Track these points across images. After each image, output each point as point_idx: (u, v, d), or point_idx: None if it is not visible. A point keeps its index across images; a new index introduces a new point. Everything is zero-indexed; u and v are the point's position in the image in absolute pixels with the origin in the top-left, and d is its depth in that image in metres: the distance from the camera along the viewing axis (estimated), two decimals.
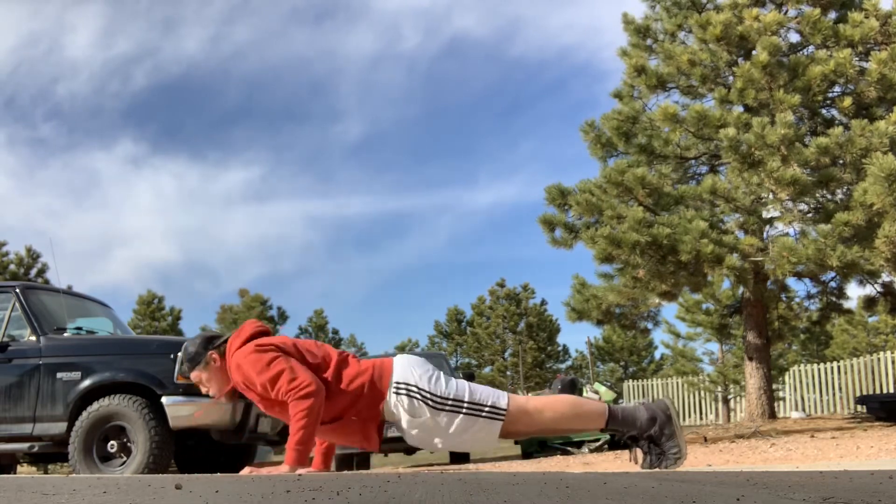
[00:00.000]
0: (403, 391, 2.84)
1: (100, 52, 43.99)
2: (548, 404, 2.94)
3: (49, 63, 41.88)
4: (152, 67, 43.42)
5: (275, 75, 45.96)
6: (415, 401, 2.83)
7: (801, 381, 17.26)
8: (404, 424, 2.85)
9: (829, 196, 8.73)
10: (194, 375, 3.12)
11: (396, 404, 2.84)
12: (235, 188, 45.10)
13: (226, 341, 3.12)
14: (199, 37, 45.96)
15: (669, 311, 21.84)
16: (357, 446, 3.00)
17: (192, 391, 4.93)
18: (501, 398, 2.86)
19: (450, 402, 2.83)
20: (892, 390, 14.17)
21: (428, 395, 2.83)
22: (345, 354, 3.02)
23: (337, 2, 48.42)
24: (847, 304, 10.54)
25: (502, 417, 2.82)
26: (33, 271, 19.10)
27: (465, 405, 2.83)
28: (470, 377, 11.00)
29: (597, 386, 10.90)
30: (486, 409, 2.83)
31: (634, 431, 2.91)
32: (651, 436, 2.89)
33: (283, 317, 27.28)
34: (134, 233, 41.66)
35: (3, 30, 42.23)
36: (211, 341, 3.12)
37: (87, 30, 45.58)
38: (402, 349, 28.58)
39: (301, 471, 2.89)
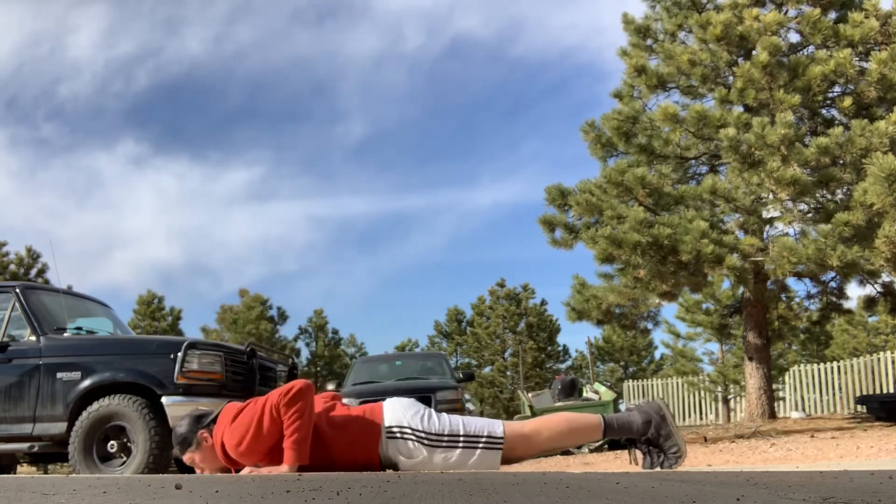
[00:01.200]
0: (397, 434, 2.83)
1: (102, 52, 44.00)
2: (543, 424, 2.94)
3: (51, 63, 41.89)
4: (154, 67, 43.44)
5: (277, 75, 45.98)
6: (410, 442, 2.81)
7: (801, 381, 17.25)
8: (402, 468, 2.82)
9: (829, 196, 8.73)
10: (187, 458, 3.05)
11: (393, 449, 2.82)
12: (237, 188, 45.11)
13: (215, 419, 3.03)
14: (202, 37, 45.96)
15: (669, 311, 21.84)
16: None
17: (192, 391, 4.94)
18: (497, 427, 2.86)
19: (445, 438, 2.82)
20: (892, 390, 14.17)
21: (423, 435, 2.82)
22: (331, 403, 2.97)
23: (339, 2, 48.42)
24: (847, 304, 10.55)
25: (500, 446, 2.82)
26: (33, 271, 19.10)
27: (462, 439, 2.82)
28: (470, 377, 10.98)
29: (597, 386, 10.89)
30: (483, 439, 2.82)
31: (633, 436, 2.94)
32: (649, 439, 2.93)
33: (282, 317, 27.26)
34: (135, 233, 41.67)
35: (5, 30, 42.25)
36: (199, 421, 3.05)
37: (90, 30, 45.58)
38: (401, 349, 28.57)
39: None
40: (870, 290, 9.98)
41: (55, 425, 4.99)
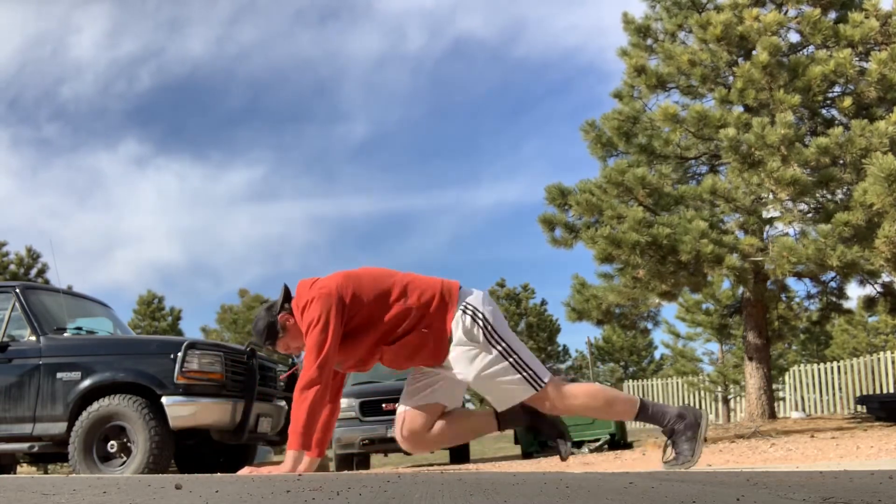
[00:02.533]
0: (470, 312, 2.92)
1: (105, 52, 44.05)
2: (583, 391, 3.04)
3: (54, 64, 41.95)
4: (157, 68, 43.48)
5: (280, 76, 46.02)
6: (477, 326, 2.90)
7: (801, 381, 17.26)
8: (454, 341, 2.91)
9: (829, 196, 8.73)
10: (281, 346, 3.11)
11: (458, 321, 2.91)
12: (239, 188, 45.15)
13: (286, 300, 3.08)
14: (205, 37, 46.01)
15: (669, 311, 21.85)
16: (425, 363, 3.01)
17: (192, 391, 4.94)
18: (545, 372, 2.95)
19: (502, 345, 2.90)
20: (892, 390, 14.17)
21: (490, 328, 2.91)
22: (409, 276, 3.04)
23: (341, 3, 48.48)
24: (847, 304, 10.55)
25: (539, 387, 2.90)
26: (33, 271, 19.09)
27: (514, 356, 2.90)
28: None
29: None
30: (529, 371, 2.90)
31: (661, 424, 3.04)
32: (673, 429, 3.04)
33: None
34: (137, 233, 41.71)
35: (8, 31, 42.28)
36: (272, 310, 3.09)
37: (93, 31, 45.63)
38: None
39: (301, 467, 2.93)
40: (870, 290, 9.99)
41: (55, 425, 4.99)
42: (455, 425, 3.10)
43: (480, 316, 2.91)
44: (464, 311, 2.92)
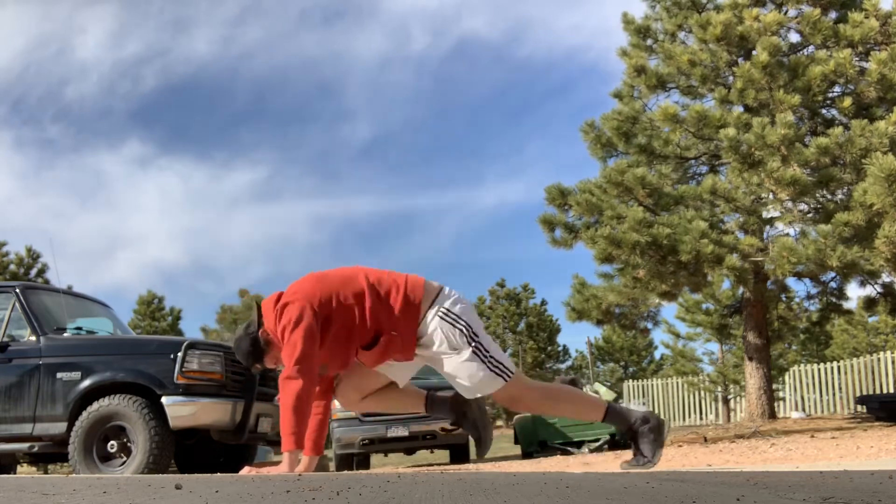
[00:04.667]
0: (451, 319, 2.98)
1: (109, 53, 44.09)
2: (554, 389, 3.28)
3: (59, 65, 41.97)
4: (162, 68, 43.53)
5: (284, 76, 46.08)
6: (458, 332, 2.97)
7: (801, 381, 17.25)
8: (434, 349, 2.98)
9: (829, 196, 8.72)
10: (269, 362, 3.17)
11: (437, 327, 2.96)
12: (241, 188, 45.20)
13: (259, 317, 3.12)
14: (210, 38, 46.05)
15: (669, 311, 21.82)
16: (396, 360, 3.07)
17: (192, 391, 4.94)
18: (511, 364, 3.08)
19: (477, 343, 3.00)
20: (892, 390, 14.17)
21: (471, 331, 2.99)
22: (374, 275, 3.07)
23: (346, 3, 48.50)
24: (847, 305, 10.54)
25: (507, 377, 3.01)
26: (33, 271, 19.07)
27: (486, 354, 3.01)
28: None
29: (597, 386, 10.90)
30: (501, 366, 3.01)
31: (627, 424, 3.17)
32: (635, 431, 3.16)
33: None
34: (139, 233, 41.75)
35: (13, 32, 42.29)
36: (248, 328, 3.14)
37: (98, 31, 45.66)
38: None
39: (301, 467, 2.94)
40: (870, 290, 9.98)
41: (55, 425, 4.99)
42: (388, 400, 3.26)
43: (463, 323, 2.98)
44: (443, 318, 2.97)
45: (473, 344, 2.97)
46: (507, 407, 3.32)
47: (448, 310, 2.98)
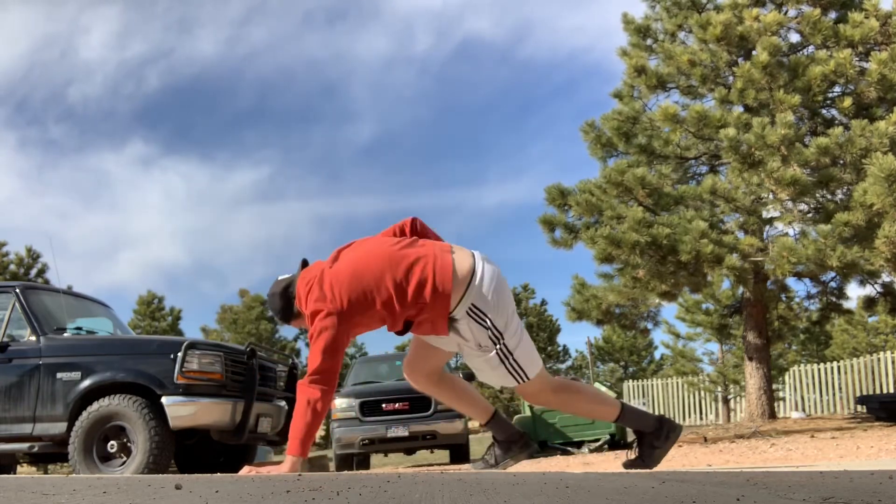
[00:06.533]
0: (476, 317, 2.89)
1: (114, 53, 44.11)
2: (572, 386, 3.27)
3: (63, 65, 41.99)
4: (166, 69, 43.58)
5: (288, 77, 46.14)
6: (482, 330, 2.89)
7: (801, 381, 17.26)
8: (461, 340, 2.94)
9: (829, 196, 8.72)
10: (296, 324, 3.16)
11: (465, 322, 2.88)
12: (244, 189, 45.25)
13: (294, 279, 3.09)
14: (214, 38, 46.10)
15: (669, 311, 21.84)
16: (425, 333, 3.06)
17: (192, 391, 4.94)
18: (532, 370, 3.02)
19: (502, 345, 2.94)
20: (892, 390, 14.17)
21: (497, 333, 2.91)
22: (404, 266, 2.90)
23: (350, 4, 48.55)
24: (847, 304, 10.55)
25: (521, 380, 3.00)
26: (33, 271, 19.08)
27: (510, 357, 2.97)
28: (470, 377, 10.98)
29: (597, 386, 10.89)
30: (520, 370, 2.99)
31: (641, 427, 3.17)
32: (644, 434, 3.15)
33: None
34: (142, 233, 41.80)
35: (17, 33, 42.31)
36: (289, 287, 3.08)
37: (102, 32, 45.71)
38: (402, 349, 28.54)
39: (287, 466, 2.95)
40: (870, 290, 9.99)
41: (55, 425, 4.99)
42: (457, 400, 3.31)
43: (489, 323, 2.87)
44: (471, 316, 2.86)
45: (498, 346, 2.91)
46: (527, 401, 3.32)
47: (476, 308, 2.86)
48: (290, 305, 3.05)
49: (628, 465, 3.20)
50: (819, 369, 16.89)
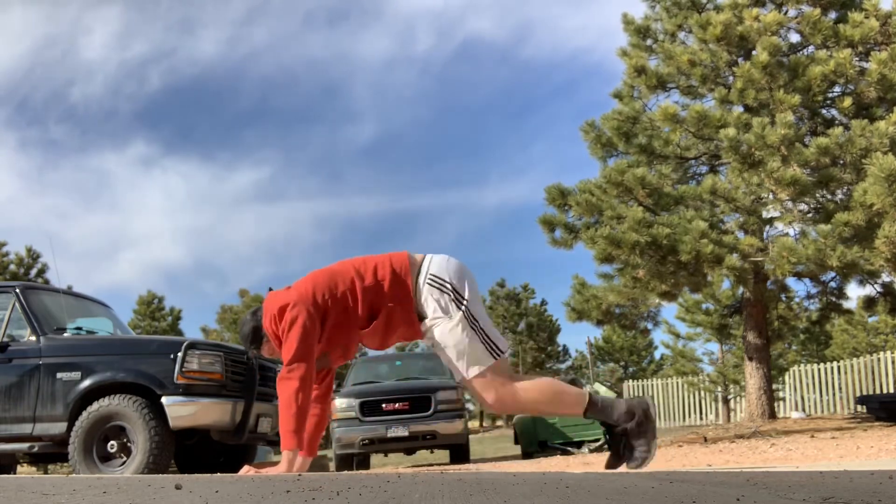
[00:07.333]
0: (437, 284, 2.99)
1: (115, 54, 44.14)
2: (534, 384, 3.09)
3: (64, 66, 42.01)
4: (167, 69, 43.61)
5: (289, 77, 46.15)
6: (444, 295, 2.96)
7: (801, 381, 17.26)
8: (429, 319, 2.98)
9: (829, 196, 8.72)
10: (266, 350, 3.22)
11: (427, 295, 2.97)
12: (245, 189, 45.28)
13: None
14: (215, 38, 46.12)
15: (669, 311, 21.83)
16: (404, 339, 3.13)
17: (192, 391, 4.94)
18: (503, 344, 3.05)
19: (467, 313, 2.97)
20: (892, 390, 14.17)
21: (458, 295, 2.97)
22: (359, 260, 3.11)
23: (351, 5, 48.59)
24: (847, 304, 10.54)
25: (498, 355, 2.99)
26: (33, 271, 19.08)
27: (480, 326, 3.00)
28: None
29: (597, 386, 10.90)
30: (491, 343, 3.00)
31: (611, 422, 3.05)
32: (625, 429, 3.04)
33: None
34: (143, 234, 41.81)
35: (19, 33, 42.32)
36: (256, 314, 3.18)
37: (103, 32, 45.73)
38: (402, 349, 28.53)
39: (295, 467, 2.95)
40: (870, 290, 9.98)
41: (55, 425, 4.99)
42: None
43: (449, 286, 2.97)
44: (430, 284, 2.98)
45: (463, 308, 2.95)
46: (498, 413, 3.28)
47: (434, 274, 2.99)
48: (258, 330, 3.15)
49: (609, 465, 3.11)
50: (819, 369, 16.89)
